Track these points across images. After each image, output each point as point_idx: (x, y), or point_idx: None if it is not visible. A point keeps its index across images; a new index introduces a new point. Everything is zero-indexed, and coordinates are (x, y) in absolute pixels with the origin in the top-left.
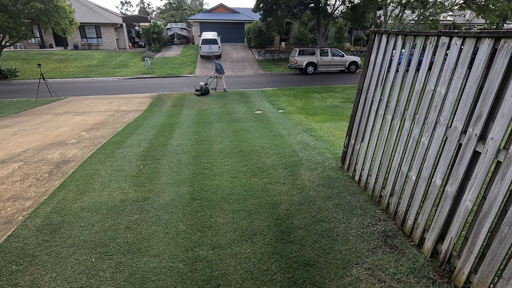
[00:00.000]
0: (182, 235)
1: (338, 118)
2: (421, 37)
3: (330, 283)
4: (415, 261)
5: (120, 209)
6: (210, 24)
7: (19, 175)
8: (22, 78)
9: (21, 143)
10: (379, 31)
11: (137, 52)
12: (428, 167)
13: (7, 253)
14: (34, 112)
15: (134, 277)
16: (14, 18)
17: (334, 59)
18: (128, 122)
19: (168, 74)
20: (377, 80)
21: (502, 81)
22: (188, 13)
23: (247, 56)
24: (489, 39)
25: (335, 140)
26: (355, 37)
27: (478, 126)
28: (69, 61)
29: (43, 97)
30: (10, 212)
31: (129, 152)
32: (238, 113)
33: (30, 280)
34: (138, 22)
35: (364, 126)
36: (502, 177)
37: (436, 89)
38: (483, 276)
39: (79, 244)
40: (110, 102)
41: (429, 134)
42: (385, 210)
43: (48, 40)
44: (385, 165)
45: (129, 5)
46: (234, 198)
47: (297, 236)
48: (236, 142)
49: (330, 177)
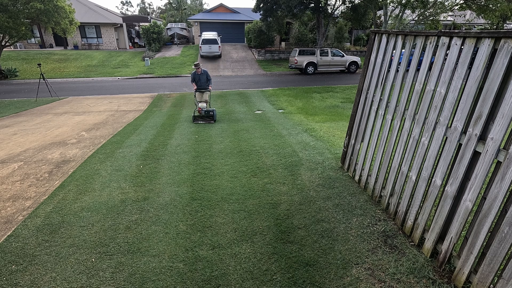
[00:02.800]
0: (182, 235)
1: (338, 118)
2: (421, 37)
3: (330, 283)
4: (415, 261)
5: (120, 209)
6: (210, 24)
7: (19, 175)
8: (22, 78)
9: (21, 143)
10: (379, 31)
11: (137, 52)
12: (428, 167)
13: (7, 253)
14: (34, 112)
15: (134, 277)
16: (14, 18)
17: (334, 59)
18: (128, 122)
19: (168, 74)
20: (377, 80)
21: (502, 81)
22: (188, 13)
23: (247, 56)
24: (489, 39)
25: (335, 140)
26: (355, 37)
27: (478, 126)
28: (69, 61)
29: (43, 97)
30: (10, 212)
31: (129, 152)
32: (238, 113)
33: (30, 280)
34: (138, 22)
35: (364, 126)
36: (502, 177)
37: (436, 89)
38: (483, 276)
39: (79, 244)
40: (110, 102)
41: (429, 134)
42: (385, 210)
43: (48, 40)
44: (385, 165)
45: (129, 5)
46: (234, 198)
47: (297, 236)
48: (236, 142)
49: (330, 177)
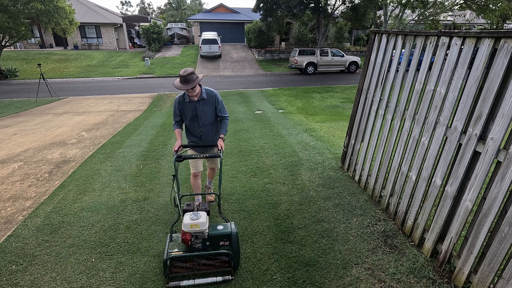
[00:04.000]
0: None
1: (338, 118)
2: (421, 37)
3: (330, 283)
4: (415, 261)
5: (120, 209)
6: (210, 24)
7: (19, 175)
8: (22, 78)
9: (21, 143)
10: (379, 31)
11: (137, 52)
12: (428, 167)
13: (7, 253)
14: (34, 112)
15: (134, 277)
16: (14, 18)
17: (334, 59)
18: (128, 122)
19: (168, 74)
20: (377, 80)
21: (502, 81)
22: (188, 13)
23: (247, 56)
24: (489, 39)
25: (335, 140)
26: (355, 37)
27: (478, 126)
28: (69, 61)
29: (43, 97)
30: (10, 212)
31: (129, 152)
32: (238, 113)
33: (30, 280)
34: (138, 22)
35: (364, 126)
36: (502, 177)
37: (436, 89)
38: (483, 276)
39: (79, 244)
40: (110, 102)
41: (429, 134)
42: (385, 210)
43: (48, 40)
44: (385, 165)
45: (129, 5)
46: (234, 198)
47: (297, 236)
48: (236, 142)
49: (330, 177)
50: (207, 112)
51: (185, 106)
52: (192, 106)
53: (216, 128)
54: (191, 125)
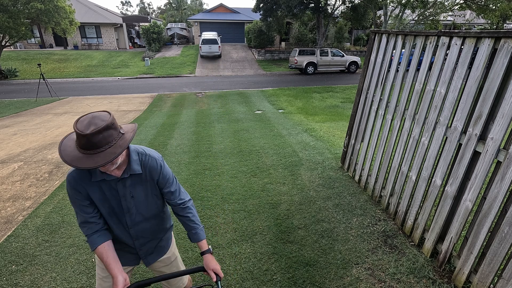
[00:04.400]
0: (182, 235)
1: (338, 118)
2: (421, 37)
3: (330, 283)
4: (415, 261)
5: None
6: (210, 24)
7: (19, 175)
8: (22, 78)
9: (21, 143)
10: (379, 31)
11: (137, 52)
12: (428, 167)
13: (7, 253)
14: (34, 112)
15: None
16: (14, 18)
17: (334, 59)
18: (128, 122)
19: (168, 74)
20: (377, 80)
21: (502, 81)
22: (188, 13)
23: (247, 56)
24: (489, 39)
25: (335, 140)
26: (355, 37)
27: (478, 126)
28: (69, 61)
29: (43, 97)
30: (10, 212)
31: None
32: (238, 113)
33: (30, 280)
34: (138, 22)
35: (364, 126)
36: (502, 177)
37: (436, 89)
38: (483, 276)
39: (79, 244)
40: (110, 102)
41: (429, 134)
42: (385, 210)
43: (48, 40)
44: (385, 165)
45: (129, 5)
46: (234, 198)
47: (297, 236)
48: (236, 142)
49: (330, 177)
50: (143, 199)
51: (93, 189)
52: (109, 188)
53: (163, 225)
54: (111, 224)
